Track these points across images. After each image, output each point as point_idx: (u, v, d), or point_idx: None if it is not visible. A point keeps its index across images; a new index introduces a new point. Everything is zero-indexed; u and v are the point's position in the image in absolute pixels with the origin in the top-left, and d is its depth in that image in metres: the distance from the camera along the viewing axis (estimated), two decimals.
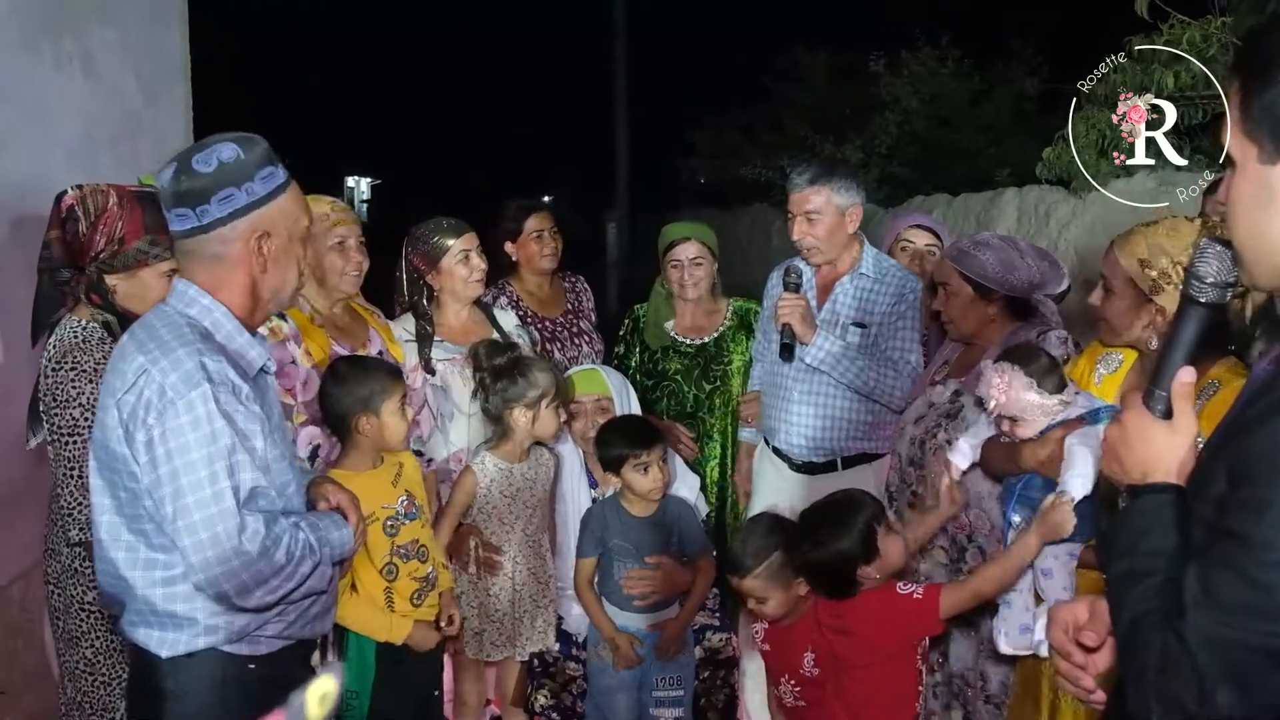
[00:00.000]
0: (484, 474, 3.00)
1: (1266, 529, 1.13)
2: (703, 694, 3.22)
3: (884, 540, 2.47)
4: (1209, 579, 1.17)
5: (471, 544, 2.99)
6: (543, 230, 3.73)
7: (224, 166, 1.86)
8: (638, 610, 3.04)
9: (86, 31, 3.79)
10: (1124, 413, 1.43)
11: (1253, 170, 1.25)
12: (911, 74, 9.73)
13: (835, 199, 3.28)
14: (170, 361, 1.81)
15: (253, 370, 1.94)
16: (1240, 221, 1.30)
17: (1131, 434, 1.39)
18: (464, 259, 3.29)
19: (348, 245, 3.04)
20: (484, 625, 3.01)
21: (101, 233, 2.53)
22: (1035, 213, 6.16)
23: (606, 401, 3.20)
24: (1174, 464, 1.34)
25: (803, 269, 3.35)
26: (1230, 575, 1.15)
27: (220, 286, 1.91)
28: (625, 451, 3.00)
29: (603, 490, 3.22)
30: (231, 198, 1.86)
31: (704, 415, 3.66)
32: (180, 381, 1.79)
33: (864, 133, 10.01)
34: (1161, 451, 1.35)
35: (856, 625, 2.48)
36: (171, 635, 1.89)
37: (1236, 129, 1.26)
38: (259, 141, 1.92)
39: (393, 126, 26.46)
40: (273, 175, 1.91)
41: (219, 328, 1.91)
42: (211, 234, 1.88)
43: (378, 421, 2.66)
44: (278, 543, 1.85)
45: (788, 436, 3.40)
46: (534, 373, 2.97)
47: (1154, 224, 2.18)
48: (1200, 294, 1.41)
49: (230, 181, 1.86)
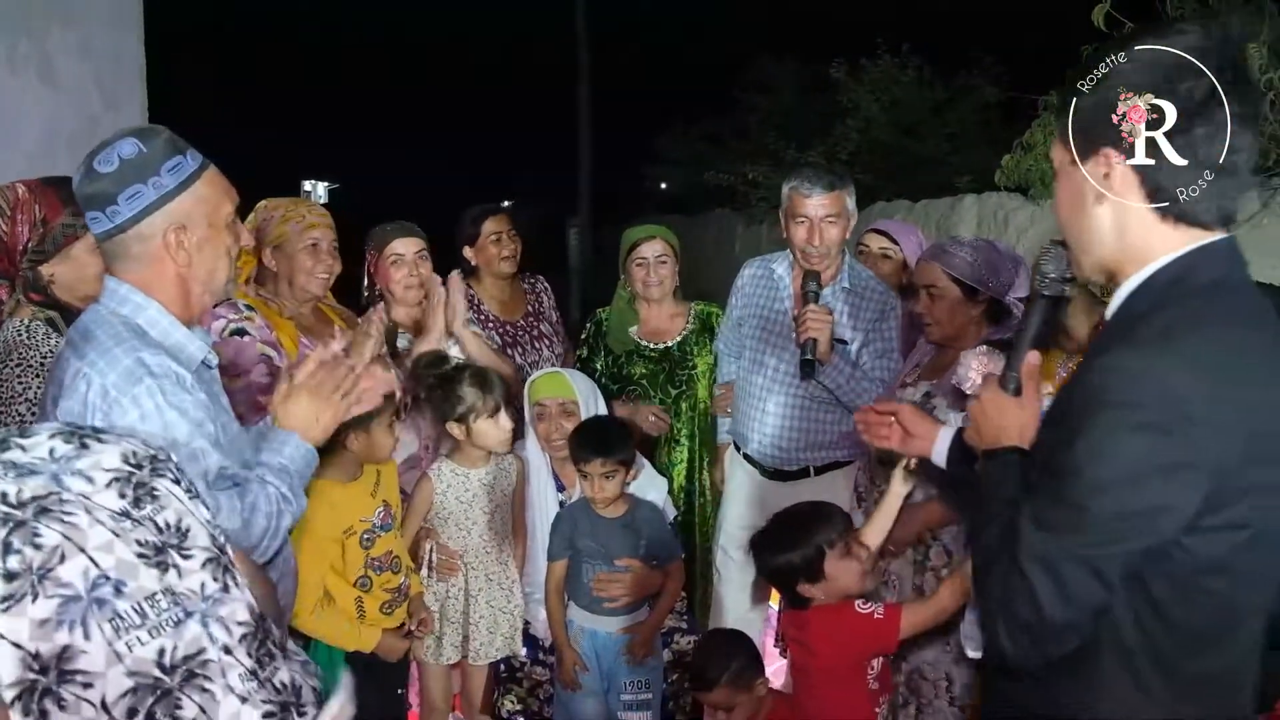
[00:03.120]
0: (440, 480, 3.03)
1: (1078, 458, 1.33)
2: (671, 697, 3.22)
3: (836, 563, 2.45)
4: (1036, 509, 1.38)
5: (427, 547, 3.02)
6: (500, 233, 3.73)
7: (126, 163, 1.80)
8: (607, 613, 3.05)
9: (44, 35, 3.76)
10: (984, 392, 1.66)
11: (1066, 172, 1.44)
12: (873, 82, 9.82)
13: (849, 205, 3.26)
14: (107, 362, 1.77)
15: (192, 364, 1.89)
16: (1062, 219, 1.49)
17: (989, 409, 1.63)
18: (396, 261, 3.31)
19: (320, 248, 3.06)
20: (442, 629, 3.03)
21: (22, 223, 2.46)
22: (994, 219, 6.24)
23: (571, 404, 3.20)
24: (1018, 431, 1.59)
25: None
26: (1051, 502, 1.36)
27: (150, 283, 1.87)
28: (579, 456, 3.02)
29: (569, 493, 3.22)
30: (139, 194, 1.80)
31: (670, 420, 3.67)
32: (121, 380, 1.75)
33: (827, 140, 10.09)
34: (1011, 422, 1.59)
35: (812, 639, 2.48)
36: None
37: (1056, 138, 1.44)
38: (160, 132, 1.86)
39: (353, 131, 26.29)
40: (180, 166, 1.84)
41: (153, 324, 1.87)
42: (128, 233, 1.83)
43: (367, 438, 2.66)
44: (255, 510, 1.82)
45: (760, 446, 3.40)
46: (461, 388, 2.98)
47: None
48: (1044, 288, 1.66)
49: (135, 178, 1.80)
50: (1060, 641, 1.38)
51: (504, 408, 3.01)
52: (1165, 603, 1.36)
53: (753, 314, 3.46)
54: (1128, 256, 1.41)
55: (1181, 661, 1.39)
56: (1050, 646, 1.38)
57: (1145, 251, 1.39)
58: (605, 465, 2.97)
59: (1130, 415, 1.29)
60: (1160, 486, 1.29)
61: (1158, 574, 1.35)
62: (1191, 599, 1.36)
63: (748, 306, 3.49)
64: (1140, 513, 1.30)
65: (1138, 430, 1.29)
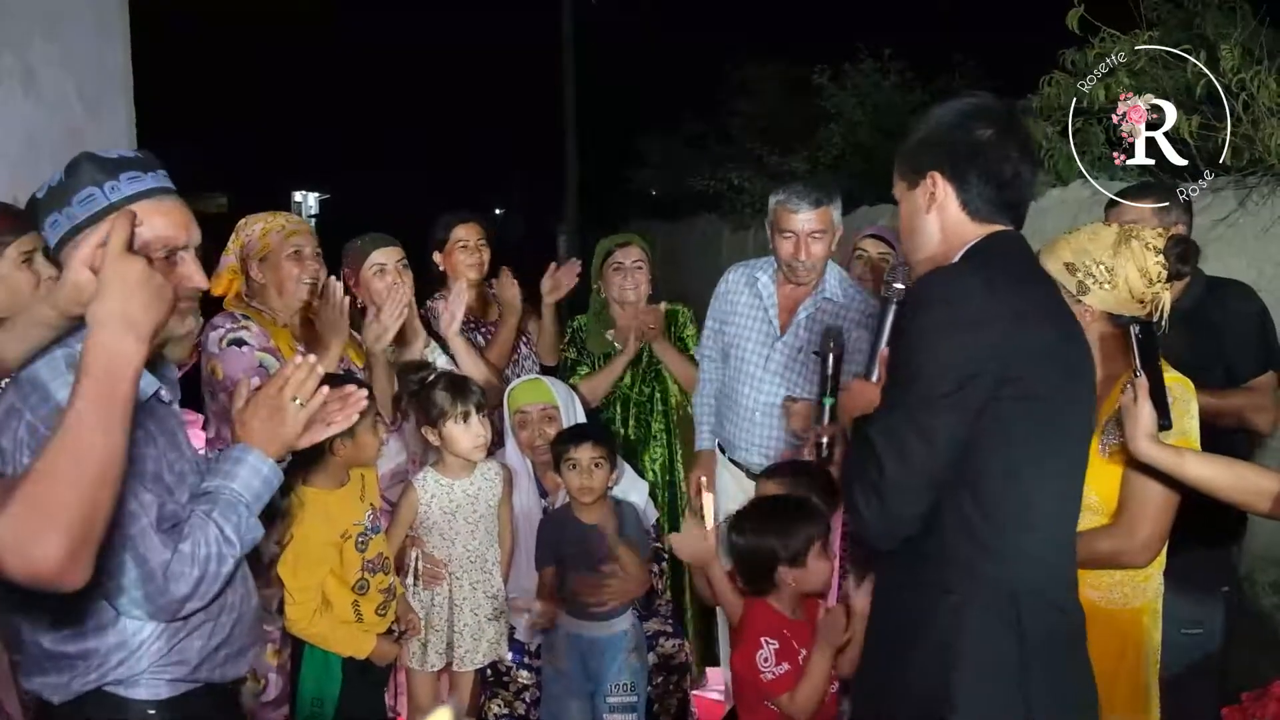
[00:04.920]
0: (424, 490, 3.05)
1: (900, 368, 1.78)
2: (656, 699, 3.25)
3: (815, 559, 2.56)
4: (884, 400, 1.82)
5: (413, 555, 3.05)
6: (469, 241, 3.75)
7: (50, 191, 1.71)
8: (592, 617, 3.07)
9: (28, 47, 3.77)
10: (852, 382, 2.07)
11: (905, 197, 1.94)
12: (855, 86, 9.88)
13: (835, 219, 3.29)
14: (39, 397, 1.67)
15: (141, 398, 1.70)
16: (903, 234, 1.98)
17: (854, 393, 2.02)
18: (379, 272, 3.33)
19: (304, 254, 3.09)
20: (428, 636, 3.07)
21: None
22: None
23: (553, 410, 3.23)
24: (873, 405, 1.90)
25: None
26: (893, 390, 1.79)
27: None
28: (568, 447, 3.05)
29: (553, 499, 3.24)
30: (55, 223, 1.71)
31: (646, 418, 3.72)
32: (50, 417, 1.62)
33: (810, 144, 10.14)
34: (869, 400, 1.90)
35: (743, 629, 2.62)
36: (62, 679, 1.73)
37: (895, 174, 1.96)
38: (87, 160, 1.72)
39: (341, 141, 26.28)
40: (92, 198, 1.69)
41: None
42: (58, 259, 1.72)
43: (352, 442, 2.68)
44: (191, 559, 1.70)
45: (748, 454, 3.43)
46: (435, 392, 3.02)
47: (1076, 231, 2.30)
48: (891, 295, 2.06)
49: (53, 207, 1.71)
50: (903, 502, 1.74)
51: (476, 414, 3.03)
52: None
53: (736, 321, 3.49)
54: (949, 247, 1.87)
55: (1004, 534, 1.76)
56: (895, 506, 1.74)
57: (960, 241, 1.86)
58: (595, 450, 3.01)
59: (944, 311, 1.73)
60: (964, 361, 1.70)
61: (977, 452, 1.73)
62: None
63: (731, 313, 3.52)
64: (954, 388, 1.70)
65: (949, 325, 1.72)
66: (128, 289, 1.48)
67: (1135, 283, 2.15)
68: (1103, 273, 2.17)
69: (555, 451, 3.09)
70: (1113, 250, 2.18)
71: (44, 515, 1.31)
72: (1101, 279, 2.18)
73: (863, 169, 9.37)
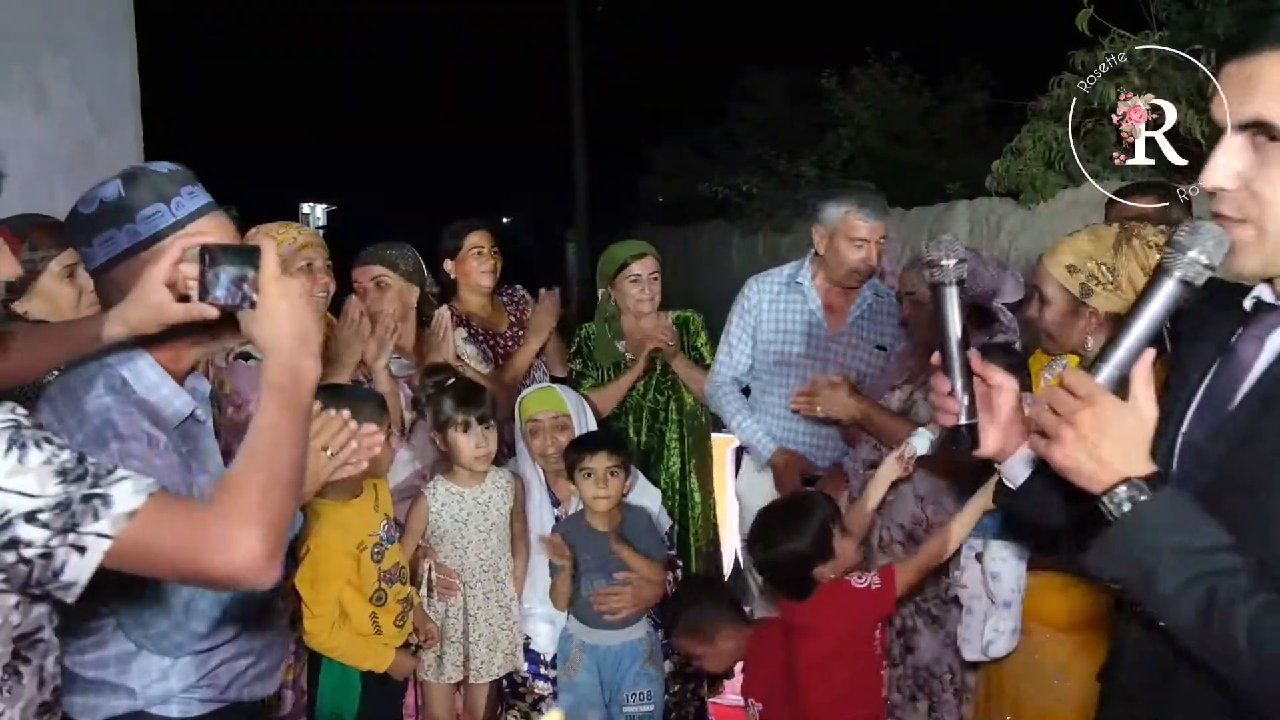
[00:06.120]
0: (435, 499, 3.05)
1: None
2: (673, 707, 3.23)
3: (838, 541, 2.57)
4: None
5: (426, 566, 3.04)
6: (482, 248, 3.73)
7: (105, 206, 1.67)
8: (607, 626, 3.06)
9: (37, 62, 3.79)
10: (1097, 395, 1.24)
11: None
12: (863, 90, 9.87)
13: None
14: (77, 420, 1.66)
15: (173, 424, 1.75)
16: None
17: (1108, 420, 1.22)
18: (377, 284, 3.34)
19: (315, 267, 3.10)
20: (443, 648, 3.05)
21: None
22: (986, 224, 6.27)
23: (564, 418, 3.22)
24: (1144, 449, 1.23)
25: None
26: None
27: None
28: (583, 455, 3.04)
29: (564, 508, 3.23)
30: (112, 240, 1.68)
31: (660, 426, 3.71)
32: (86, 441, 1.62)
33: (819, 149, 10.13)
34: (1140, 436, 1.23)
35: (818, 622, 2.55)
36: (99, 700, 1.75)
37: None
38: (146, 175, 1.70)
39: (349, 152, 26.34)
40: (159, 214, 1.68)
41: (140, 377, 1.73)
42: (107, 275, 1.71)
43: None
44: (215, 600, 1.70)
45: None
46: (443, 399, 3.03)
47: (1077, 233, 2.28)
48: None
49: (110, 224, 1.67)
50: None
51: (479, 425, 3.02)
52: None
53: (775, 327, 3.55)
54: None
55: None
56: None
57: None
58: (610, 459, 3.00)
59: None
60: None
61: None
62: None
63: (763, 321, 3.57)
64: None
65: None
66: (295, 310, 1.49)
67: (1139, 281, 2.14)
68: (1105, 274, 2.16)
69: (569, 460, 3.08)
70: (1114, 250, 2.16)
71: (244, 519, 1.34)
72: (1104, 280, 2.17)
73: (872, 172, 9.36)
